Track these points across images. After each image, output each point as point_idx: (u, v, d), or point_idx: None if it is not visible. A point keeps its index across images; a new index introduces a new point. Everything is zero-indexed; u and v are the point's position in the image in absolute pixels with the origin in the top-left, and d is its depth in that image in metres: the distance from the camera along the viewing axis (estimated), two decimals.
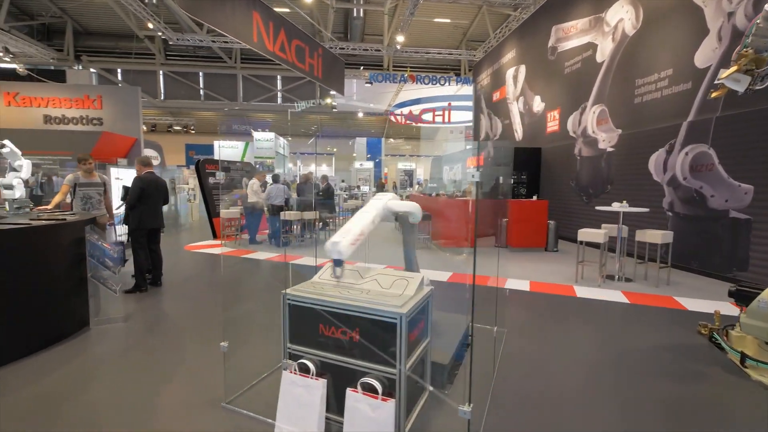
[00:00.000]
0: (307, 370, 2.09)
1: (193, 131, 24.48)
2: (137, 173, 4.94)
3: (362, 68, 18.64)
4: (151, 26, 14.02)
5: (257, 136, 15.63)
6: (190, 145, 24.06)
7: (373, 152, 23.76)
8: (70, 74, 17.51)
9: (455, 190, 9.87)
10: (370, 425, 1.90)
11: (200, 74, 20.58)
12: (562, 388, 2.74)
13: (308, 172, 10.77)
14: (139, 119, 13.75)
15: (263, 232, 9.15)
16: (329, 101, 20.23)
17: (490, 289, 5.11)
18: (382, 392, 1.94)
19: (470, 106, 20.13)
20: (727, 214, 5.50)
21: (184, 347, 3.39)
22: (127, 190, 5.01)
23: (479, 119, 16.42)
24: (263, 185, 8.56)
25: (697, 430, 2.32)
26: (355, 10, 15.01)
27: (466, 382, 2.77)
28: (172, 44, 16.22)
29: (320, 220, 8.41)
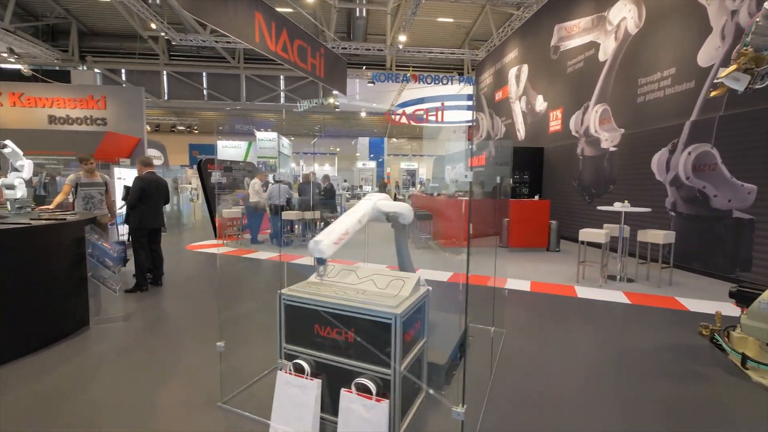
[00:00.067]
0: (301, 370, 2.09)
1: (196, 131, 24.57)
2: (138, 173, 4.97)
3: (365, 68, 18.62)
4: (154, 27, 14.06)
5: (260, 136, 15.65)
6: (193, 145, 24.16)
7: (375, 152, 23.75)
8: (74, 75, 17.60)
9: (456, 189, 9.84)
10: (364, 426, 1.90)
11: (204, 74, 20.64)
12: (560, 388, 2.73)
13: (310, 172, 10.78)
14: (142, 119, 13.82)
15: (265, 231, 9.17)
16: (332, 101, 20.23)
17: (489, 289, 5.10)
18: (376, 393, 1.94)
19: (465, 105, 20.09)
20: (730, 214, 5.46)
21: (183, 347, 3.40)
22: (128, 189, 5.03)
23: (474, 118, 16.37)
24: (265, 185, 8.58)
25: (696, 431, 2.30)
26: (357, 9, 15.00)
27: (462, 382, 2.77)
28: (175, 45, 16.26)
29: (322, 219, 8.41)
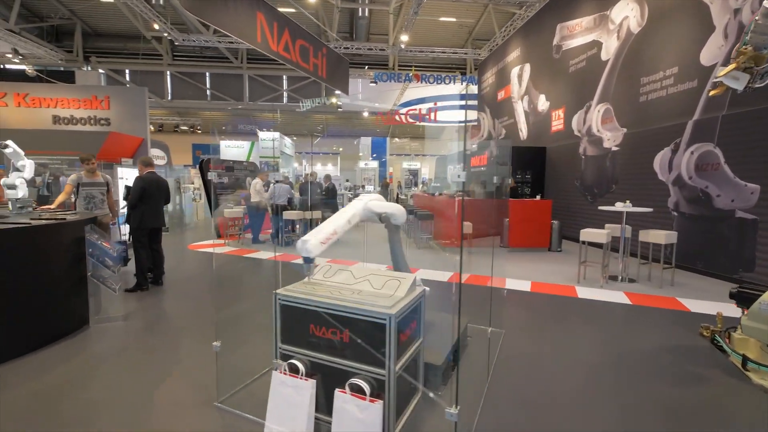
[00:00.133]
0: (296, 370, 2.09)
1: (199, 131, 24.66)
2: (139, 173, 4.99)
3: (367, 68, 18.62)
4: (157, 27, 14.13)
5: (262, 135, 15.69)
6: (196, 144, 24.24)
7: (378, 152, 23.74)
8: (79, 75, 17.71)
9: (457, 189, 9.82)
10: (357, 426, 1.90)
11: (207, 74, 20.72)
12: (558, 389, 2.71)
13: (308, 172, 10.79)
14: (146, 119, 13.85)
15: (266, 231, 9.19)
16: (334, 101, 20.24)
17: (489, 289, 5.09)
18: (370, 393, 1.93)
19: (458, 105, 20.07)
20: (733, 214, 5.42)
21: (182, 346, 3.41)
22: (129, 189, 5.06)
23: (476, 118, 16.29)
24: (266, 185, 8.59)
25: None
26: (360, 9, 15.00)
27: (460, 383, 2.76)
28: (179, 45, 16.34)
29: (323, 219, 8.42)
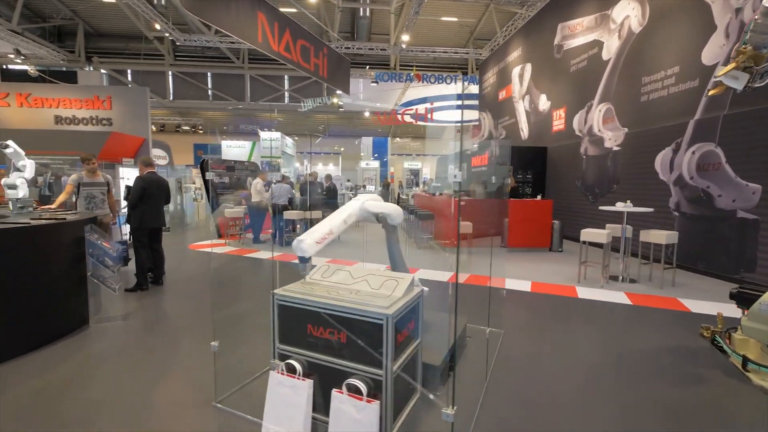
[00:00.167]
0: (293, 370, 2.10)
1: (201, 131, 24.70)
2: (140, 173, 5.01)
3: (368, 67, 18.61)
4: (158, 27, 14.15)
5: (263, 135, 15.70)
6: (198, 144, 24.27)
7: (380, 152, 23.73)
8: (81, 75, 17.78)
9: (453, 189, 9.82)
10: (354, 426, 1.90)
11: (208, 74, 20.75)
12: (557, 390, 2.70)
13: (308, 172, 10.79)
14: (147, 119, 13.89)
15: (267, 231, 9.20)
16: (336, 101, 20.23)
17: (488, 289, 5.08)
18: (367, 393, 1.93)
19: (455, 105, 20.06)
20: (734, 214, 5.39)
21: (181, 346, 3.42)
22: (129, 189, 5.07)
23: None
24: (267, 185, 8.60)
25: None
26: (361, 9, 14.99)
27: (457, 384, 2.75)
28: (181, 45, 16.36)
29: (323, 219, 8.41)
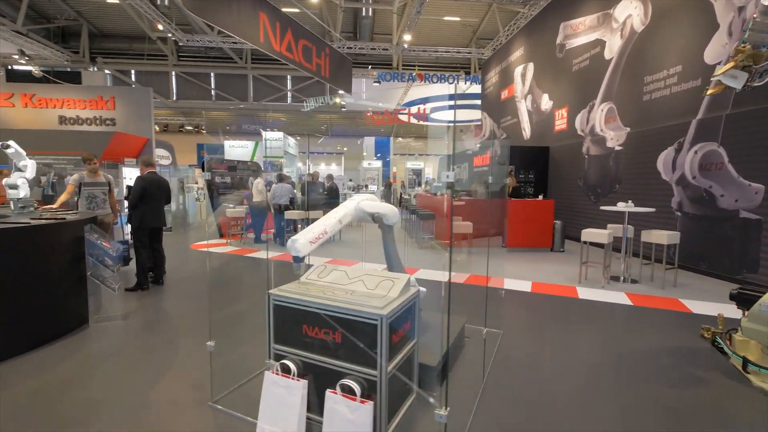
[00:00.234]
0: (288, 370, 2.09)
1: (204, 131, 24.78)
2: (140, 173, 5.03)
3: (370, 67, 18.60)
4: (161, 27, 14.20)
5: (266, 135, 15.71)
6: (201, 144, 24.34)
7: (382, 151, 23.73)
8: (85, 76, 17.87)
9: (459, 189, 9.80)
10: (348, 427, 1.89)
11: (212, 75, 20.82)
12: (555, 391, 2.69)
13: (308, 173, 10.81)
14: (151, 119, 13.94)
15: (269, 231, 9.21)
16: (338, 100, 20.24)
17: (489, 289, 5.06)
18: (361, 394, 1.93)
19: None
20: (737, 214, 5.35)
21: (180, 345, 3.43)
22: (130, 189, 5.09)
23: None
24: (268, 184, 8.62)
25: None
26: (363, 9, 14.99)
27: (454, 384, 2.75)
28: (184, 45, 16.41)
29: None
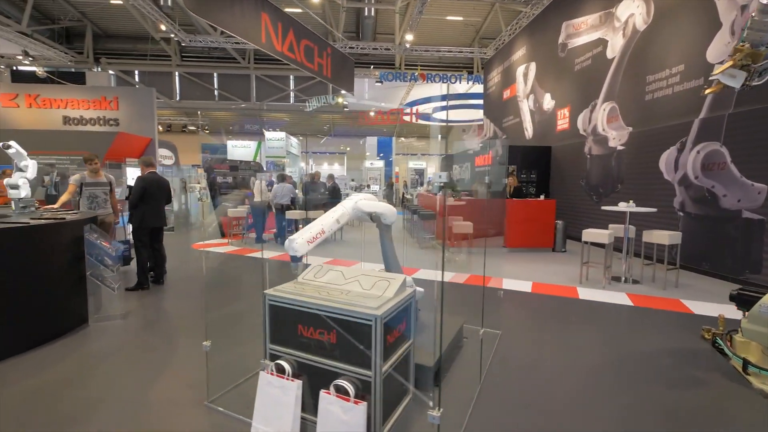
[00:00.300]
0: (283, 370, 2.10)
1: (207, 131, 24.86)
2: (141, 173, 5.05)
3: (372, 67, 18.60)
4: (163, 28, 14.25)
5: (269, 135, 15.75)
6: (205, 144, 24.43)
7: (385, 151, 23.71)
8: (89, 76, 17.98)
9: (460, 189, 9.79)
10: (341, 427, 1.89)
11: (215, 75, 20.89)
12: (553, 392, 2.67)
13: (316, 171, 10.82)
14: (154, 120, 14.02)
15: (270, 231, 9.23)
16: (340, 100, 20.25)
17: (487, 289, 5.04)
18: (354, 395, 1.93)
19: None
20: (739, 214, 5.31)
21: (179, 345, 3.44)
22: (131, 189, 5.11)
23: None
24: (269, 184, 8.63)
25: None
26: (366, 9, 14.98)
27: (451, 385, 2.74)
28: (187, 46, 16.47)
29: None
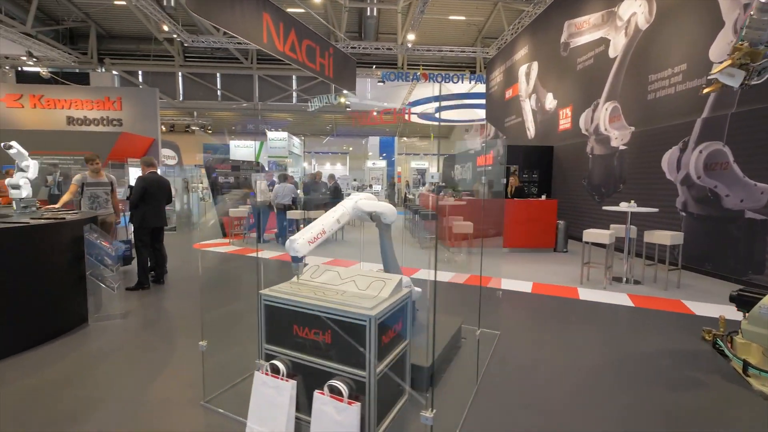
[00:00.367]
0: (277, 371, 2.10)
1: (210, 131, 24.95)
2: (141, 173, 5.07)
3: (374, 67, 18.58)
4: (166, 28, 14.30)
5: (271, 135, 15.79)
6: (208, 144, 24.53)
7: (387, 151, 23.73)
8: (93, 77, 18.08)
9: (461, 189, 9.77)
10: (335, 428, 1.89)
11: (217, 75, 20.96)
12: (551, 394, 2.66)
13: (317, 171, 10.83)
14: (157, 120, 14.09)
15: (271, 231, 9.25)
16: (343, 100, 20.25)
17: (486, 290, 5.04)
18: (348, 395, 1.92)
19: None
20: (742, 214, 5.27)
21: (177, 345, 3.45)
22: (131, 189, 5.13)
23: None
24: (270, 184, 8.64)
25: None
26: (368, 9, 14.98)
27: (448, 386, 2.73)
28: (190, 46, 16.53)
29: None
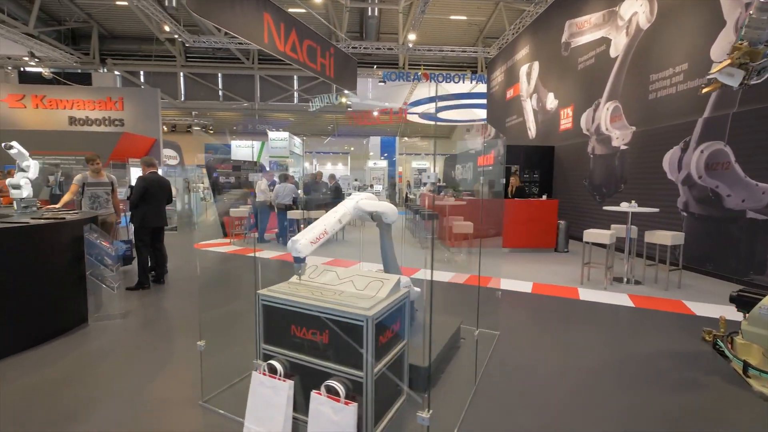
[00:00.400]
0: (275, 371, 2.10)
1: (211, 131, 24.98)
2: (142, 173, 5.08)
3: (375, 67, 18.58)
4: (167, 29, 14.32)
5: (272, 135, 15.79)
6: (209, 144, 24.54)
7: (388, 151, 23.72)
8: (95, 77, 18.15)
9: (461, 189, 9.76)
10: (332, 428, 1.89)
11: (219, 75, 20.99)
12: (550, 395, 2.65)
13: (318, 171, 10.83)
14: (158, 120, 14.13)
15: (272, 230, 9.25)
16: (344, 100, 20.25)
17: (485, 290, 5.03)
18: (345, 395, 1.92)
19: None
20: (744, 214, 5.25)
21: (177, 344, 3.45)
22: (132, 189, 5.14)
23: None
24: (271, 184, 8.65)
25: None
26: (369, 9, 14.98)
27: (446, 386, 2.73)
28: (191, 47, 16.55)
29: None
